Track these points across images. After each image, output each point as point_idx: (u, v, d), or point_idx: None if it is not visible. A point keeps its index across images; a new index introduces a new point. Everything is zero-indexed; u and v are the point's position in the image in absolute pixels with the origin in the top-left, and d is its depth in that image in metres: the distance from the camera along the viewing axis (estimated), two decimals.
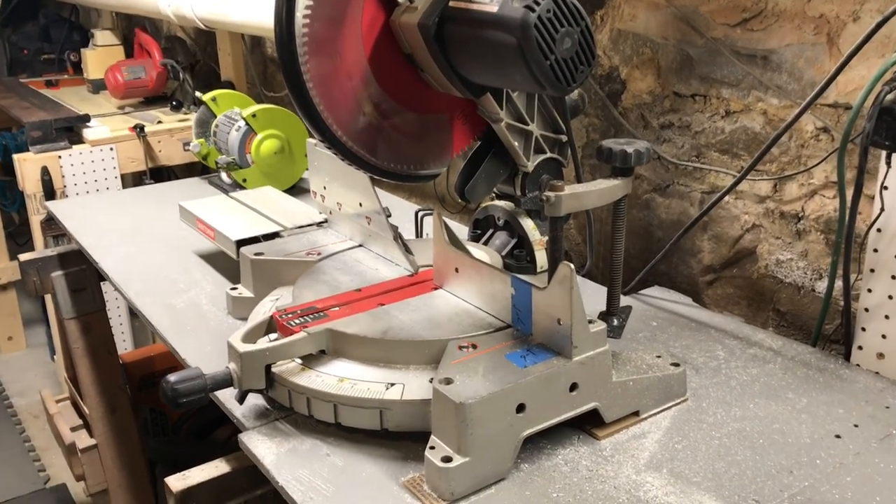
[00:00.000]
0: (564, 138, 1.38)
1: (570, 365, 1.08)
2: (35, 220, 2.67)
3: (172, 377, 1.17)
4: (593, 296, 1.51)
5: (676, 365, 1.21)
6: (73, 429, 2.40)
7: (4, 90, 3.34)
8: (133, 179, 3.03)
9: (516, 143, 1.33)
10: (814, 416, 1.18)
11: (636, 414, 1.17)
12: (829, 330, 1.42)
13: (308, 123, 1.18)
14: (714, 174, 1.55)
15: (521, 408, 1.05)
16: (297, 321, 1.23)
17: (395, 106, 1.24)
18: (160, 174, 3.23)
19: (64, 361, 2.57)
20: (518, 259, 1.42)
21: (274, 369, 1.19)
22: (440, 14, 1.11)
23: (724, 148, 1.52)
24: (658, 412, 1.19)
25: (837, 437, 1.13)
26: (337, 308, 1.28)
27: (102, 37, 3.54)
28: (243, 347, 1.17)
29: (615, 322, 1.28)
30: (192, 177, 2.53)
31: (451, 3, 1.10)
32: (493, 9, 1.04)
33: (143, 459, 2.37)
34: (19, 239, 4.21)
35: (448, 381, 1.05)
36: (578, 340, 1.09)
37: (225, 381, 1.18)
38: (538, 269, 1.41)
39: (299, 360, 1.20)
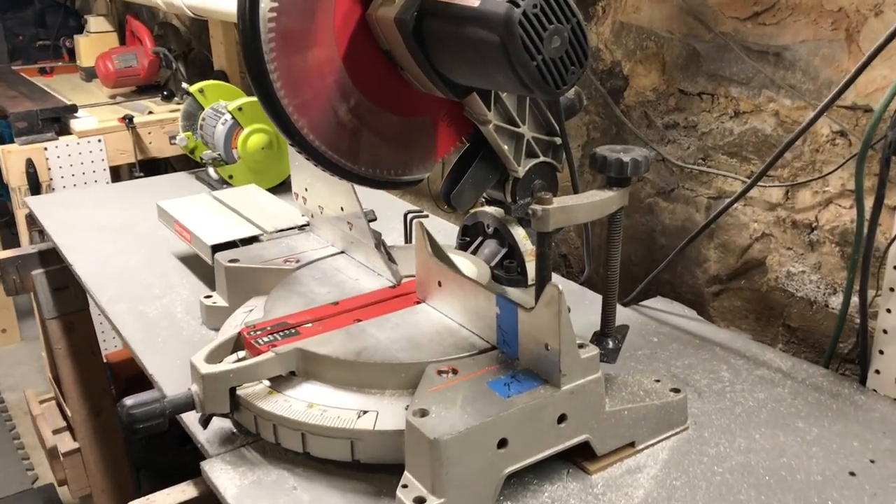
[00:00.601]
0: (559, 141, 1.28)
1: (559, 395, 0.99)
2: (20, 214, 2.58)
3: (129, 401, 1.08)
4: (591, 306, 1.42)
5: (677, 391, 1.11)
6: (56, 431, 2.32)
7: None
8: (129, 171, 2.95)
9: (506, 147, 1.23)
10: (825, 449, 1.08)
11: (632, 445, 1.08)
12: (844, 349, 1.32)
13: (277, 126, 1.09)
14: (722, 178, 1.44)
15: (503, 443, 0.95)
16: (265, 339, 1.14)
17: (372, 107, 1.14)
18: (156, 166, 3.14)
19: (48, 361, 2.49)
20: (508, 270, 1.32)
21: (239, 392, 1.10)
22: (419, 8, 1.01)
23: (733, 151, 1.41)
24: (656, 443, 1.10)
25: (852, 474, 1.03)
26: (310, 324, 1.19)
27: (96, 23, 3.44)
28: (206, 368, 1.09)
29: (610, 344, 1.19)
30: (187, 169, 2.44)
31: None
32: (475, 3, 0.93)
33: (128, 464, 2.30)
34: (14, 229, 4.13)
35: (423, 413, 0.95)
36: (567, 368, 0.99)
37: (186, 405, 1.10)
38: (529, 282, 1.31)
39: (267, 382, 1.11)
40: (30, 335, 3.88)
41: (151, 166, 3.12)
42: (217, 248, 1.50)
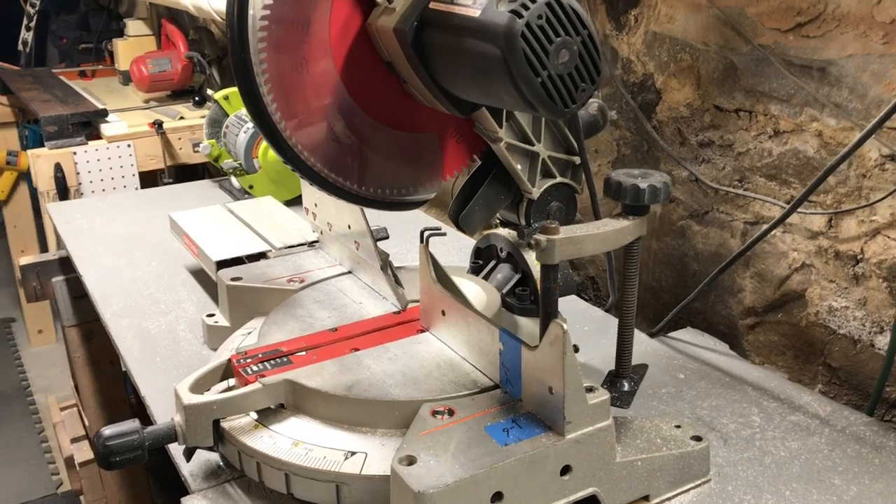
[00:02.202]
0: (578, 160, 1.18)
1: (562, 444, 0.90)
2: (48, 219, 2.57)
3: (107, 430, 1.02)
4: (615, 336, 1.32)
5: (699, 439, 1.01)
6: (75, 440, 2.29)
7: (32, 81, 3.27)
8: (159, 177, 2.92)
9: (519, 166, 1.14)
10: None
11: (646, 499, 0.98)
12: (891, 393, 1.20)
13: (270, 144, 1.02)
14: (759, 202, 1.33)
15: (497, 496, 0.87)
16: (255, 368, 1.07)
17: (373, 123, 1.06)
18: (193, 171, 3.11)
19: (70, 368, 2.47)
20: (521, 298, 1.23)
21: (224, 424, 1.03)
22: (420, 18, 0.93)
23: (772, 173, 1.30)
24: (673, 496, 1.00)
25: None
26: (304, 353, 1.11)
27: (134, 27, 3.44)
28: (189, 398, 1.02)
29: (625, 387, 1.09)
30: (221, 175, 2.41)
31: (431, 5, 0.92)
32: (476, 13, 0.85)
33: (145, 476, 2.26)
34: None
35: (410, 461, 0.87)
36: (573, 414, 0.90)
37: (167, 437, 1.03)
38: None
39: (255, 415, 1.04)
40: None
41: (186, 171, 3.10)
42: (222, 263, 1.44)
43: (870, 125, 1.00)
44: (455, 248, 1.79)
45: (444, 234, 1.61)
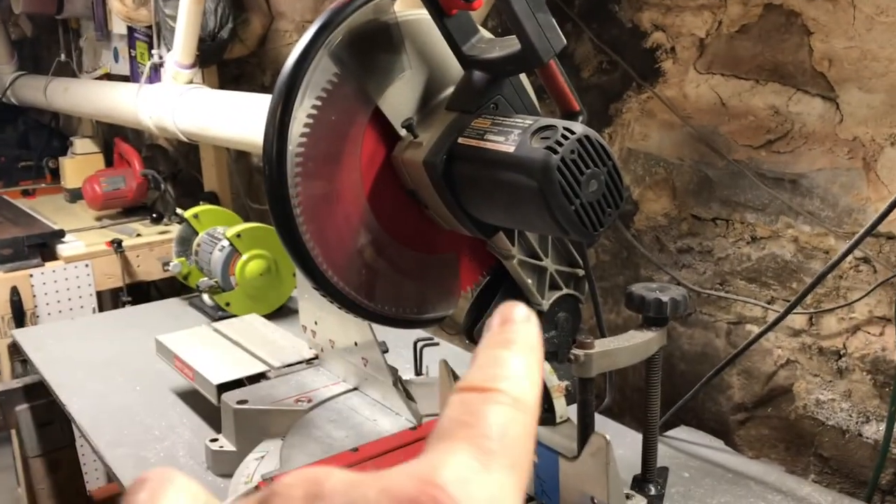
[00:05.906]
0: (581, 272, 1.25)
1: None
2: (2, 345, 2.49)
3: None
4: (616, 437, 1.36)
5: None
6: None
7: None
8: (115, 296, 2.88)
9: (529, 281, 1.20)
10: None
11: None
12: (882, 479, 1.27)
13: (305, 275, 1.05)
14: (741, 303, 1.42)
15: None
16: None
17: (396, 246, 1.11)
18: (143, 290, 3.08)
19: (28, 500, 2.35)
20: None
21: None
22: (448, 151, 1.00)
23: (752, 276, 1.40)
24: None
25: None
26: None
27: (82, 145, 3.44)
28: None
29: (653, 490, 1.13)
30: (173, 292, 2.39)
31: (460, 141, 0.99)
32: (510, 149, 0.92)
33: None
34: None
35: None
36: None
37: None
38: (558, 419, 1.26)
39: None
40: (1, 464, 3.70)
41: (137, 290, 3.06)
42: (223, 387, 1.44)
43: (855, 238, 1.10)
44: (445, 356, 1.82)
45: (437, 344, 1.66)
